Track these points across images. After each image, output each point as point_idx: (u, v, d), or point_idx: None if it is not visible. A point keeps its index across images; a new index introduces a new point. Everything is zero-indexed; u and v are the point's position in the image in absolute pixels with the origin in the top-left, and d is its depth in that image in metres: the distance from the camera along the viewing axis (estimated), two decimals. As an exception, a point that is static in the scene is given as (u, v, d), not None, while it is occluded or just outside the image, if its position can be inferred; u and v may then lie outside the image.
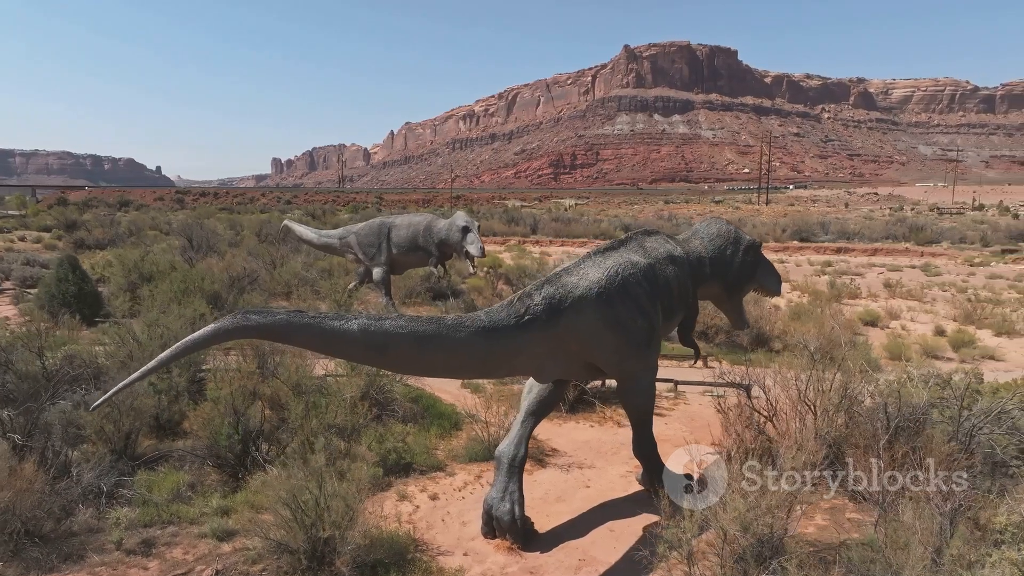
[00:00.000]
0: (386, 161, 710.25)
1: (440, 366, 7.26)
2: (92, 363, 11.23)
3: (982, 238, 53.23)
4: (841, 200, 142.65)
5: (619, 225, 69.47)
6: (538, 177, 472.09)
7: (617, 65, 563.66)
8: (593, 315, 7.71)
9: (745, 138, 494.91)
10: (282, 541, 6.99)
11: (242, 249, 32.53)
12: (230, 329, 6.14)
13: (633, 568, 7.39)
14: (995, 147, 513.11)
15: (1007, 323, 22.47)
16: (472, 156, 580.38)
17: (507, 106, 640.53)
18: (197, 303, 16.73)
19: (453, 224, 19.97)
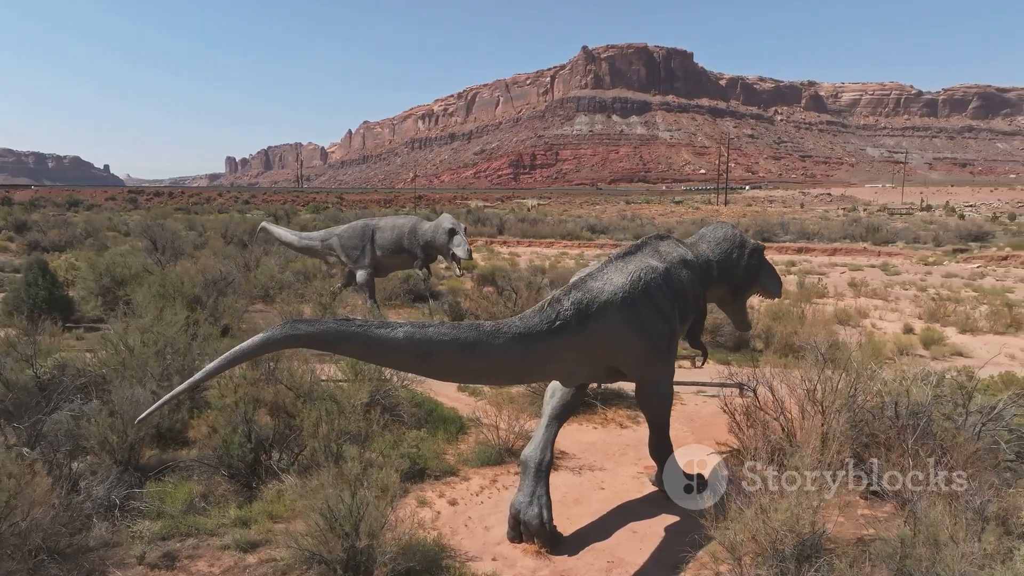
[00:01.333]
0: (344, 160, 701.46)
1: (480, 373, 7.30)
2: (93, 372, 10.89)
3: (935, 238, 55.15)
4: (796, 200, 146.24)
5: (584, 225, 70.03)
6: (498, 177, 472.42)
7: (576, 66, 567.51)
8: (619, 320, 7.82)
9: (701, 139, 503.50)
10: (315, 551, 6.90)
11: (209, 251, 31.85)
12: (279, 339, 6.06)
13: (662, 569, 7.50)
14: (938, 149, 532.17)
15: (970, 320, 23.36)
16: (431, 156, 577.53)
17: (466, 106, 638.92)
18: (179, 307, 16.38)
19: (439, 226, 19.90)
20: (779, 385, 10.08)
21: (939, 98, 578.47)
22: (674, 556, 7.72)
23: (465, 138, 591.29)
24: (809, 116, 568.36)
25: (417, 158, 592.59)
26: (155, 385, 10.41)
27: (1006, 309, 24.30)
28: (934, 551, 5.92)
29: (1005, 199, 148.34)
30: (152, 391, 10.26)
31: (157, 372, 10.81)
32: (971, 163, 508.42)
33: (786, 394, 10.01)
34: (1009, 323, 23.27)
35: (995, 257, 46.92)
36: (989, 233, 59.14)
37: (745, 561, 5.84)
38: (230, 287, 21.82)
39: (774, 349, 18.19)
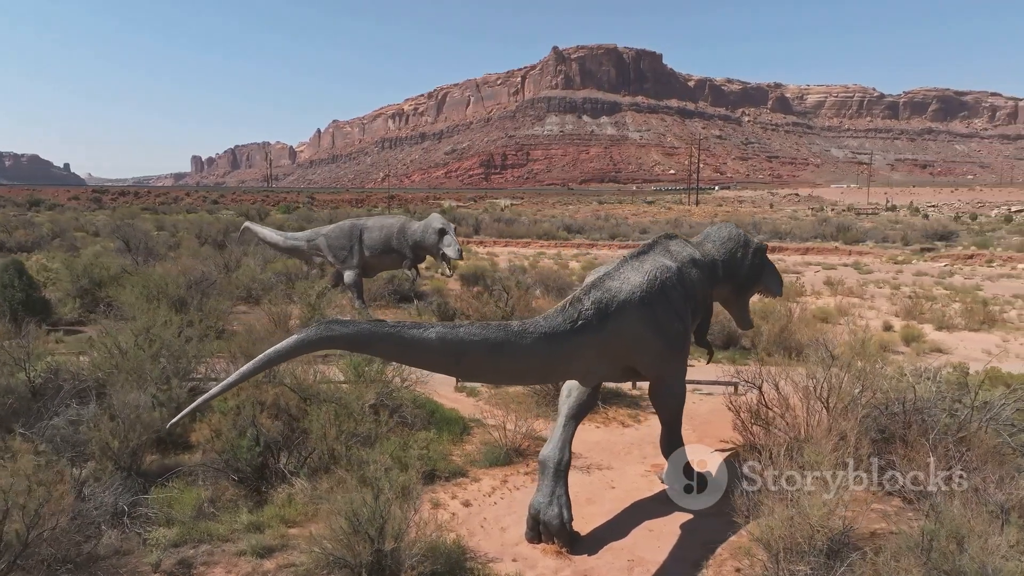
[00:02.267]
0: (313, 160, 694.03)
1: (508, 372, 7.27)
2: (87, 376, 10.60)
3: (903, 237, 56.39)
4: (766, 201, 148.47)
5: (560, 225, 70.24)
6: (469, 177, 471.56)
7: (546, 66, 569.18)
8: (636, 318, 7.85)
9: (671, 140, 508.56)
10: (340, 555, 6.80)
11: (183, 252, 31.25)
12: (314, 340, 5.96)
13: (683, 567, 7.55)
14: (899, 151, 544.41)
15: (945, 318, 23.94)
16: (402, 155, 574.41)
17: (437, 105, 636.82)
18: (164, 308, 16.06)
19: (429, 226, 19.78)
20: (783, 383, 10.21)
21: (900, 101, 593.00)
22: (693, 553, 7.78)
23: (436, 138, 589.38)
24: (775, 117, 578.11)
25: (387, 158, 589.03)
26: (155, 388, 10.17)
27: (980, 306, 24.99)
28: (958, 544, 6.03)
29: (965, 199, 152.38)
30: (152, 395, 10.03)
31: (156, 375, 10.56)
32: (931, 164, 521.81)
33: (790, 392, 10.16)
34: (983, 320, 23.90)
35: (961, 256, 48.12)
36: (954, 233, 60.70)
37: (780, 556, 5.89)
38: (212, 288, 21.46)
39: (762, 347, 18.45)
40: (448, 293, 27.49)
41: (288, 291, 21.91)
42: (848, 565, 5.76)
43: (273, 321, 17.63)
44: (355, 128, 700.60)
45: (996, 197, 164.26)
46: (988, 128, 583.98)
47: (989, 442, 7.31)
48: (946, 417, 8.11)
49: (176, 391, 10.41)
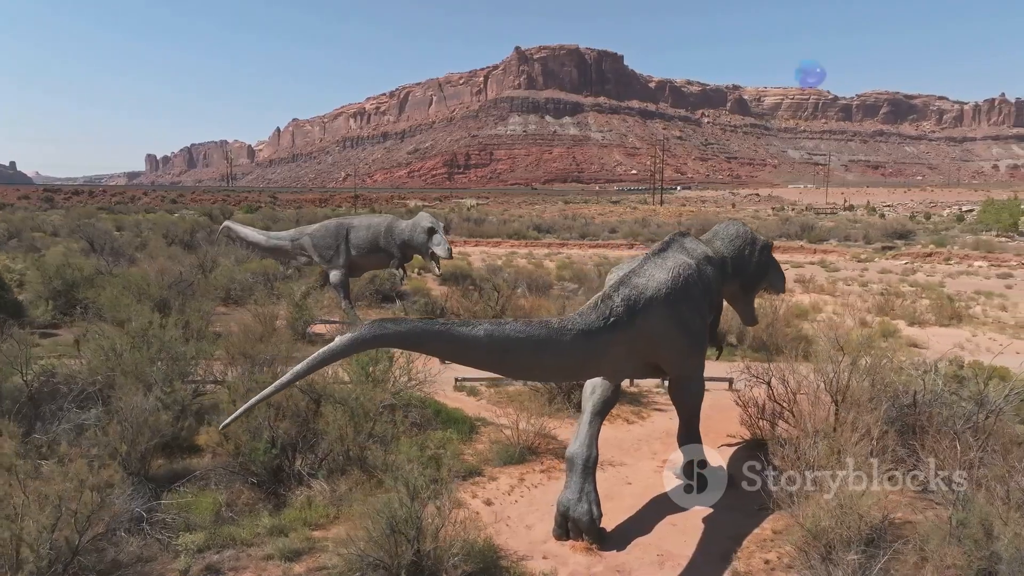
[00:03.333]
0: (272, 159, 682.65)
1: (548, 369, 7.28)
2: (83, 380, 10.25)
3: (865, 236, 57.94)
4: (728, 201, 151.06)
5: (530, 225, 70.41)
6: (432, 177, 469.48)
7: (509, 66, 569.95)
8: (662, 315, 7.92)
9: (632, 140, 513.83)
10: (378, 557, 6.71)
11: (152, 252, 30.46)
12: (367, 339, 5.89)
13: (712, 561, 7.64)
14: (853, 152, 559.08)
15: (916, 314, 24.69)
16: (364, 155, 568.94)
17: (399, 105, 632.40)
18: (145, 310, 15.67)
19: (417, 225, 19.63)
20: (791, 379, 10.40)
21: (853, 103, 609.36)
22: (720, 547, 7.89)
23: (398, 137, 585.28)
24: (734, 119, 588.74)
25: (349, 157, 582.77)
26: (159, 391, 9.90)
27: (948, 302, 25.83)
28: (986, 532, 6.23)
29: (917, 199, 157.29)
30: (158, 398, 9.76)
31: (160, 377, 10.28)
32: (883, 165, 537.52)
33: (795, 387, 10.36)
34: (951, 316, 24.71)
35: (920, 254, 49.63)
36: (912, 232, 62.65)
37: (830, 546, 5.99)
38: (190, 289, 20.98)
39: (748, 344, 18.79)
40: (429, 293, 27.36)
41: (273, 291, 21.54)
42: (892, 552, 5.92)
43: (260, 322, 17.29)
44: (316, 127, 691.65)
45: (946, 197, 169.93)
46: (935, 131, 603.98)
47: (1013, 431, 7.57)
48: (971, 406, 8.36)
49: (180, 393, 10.15)
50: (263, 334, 13.82)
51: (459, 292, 20.44)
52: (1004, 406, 8.47)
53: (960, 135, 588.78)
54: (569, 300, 20.28)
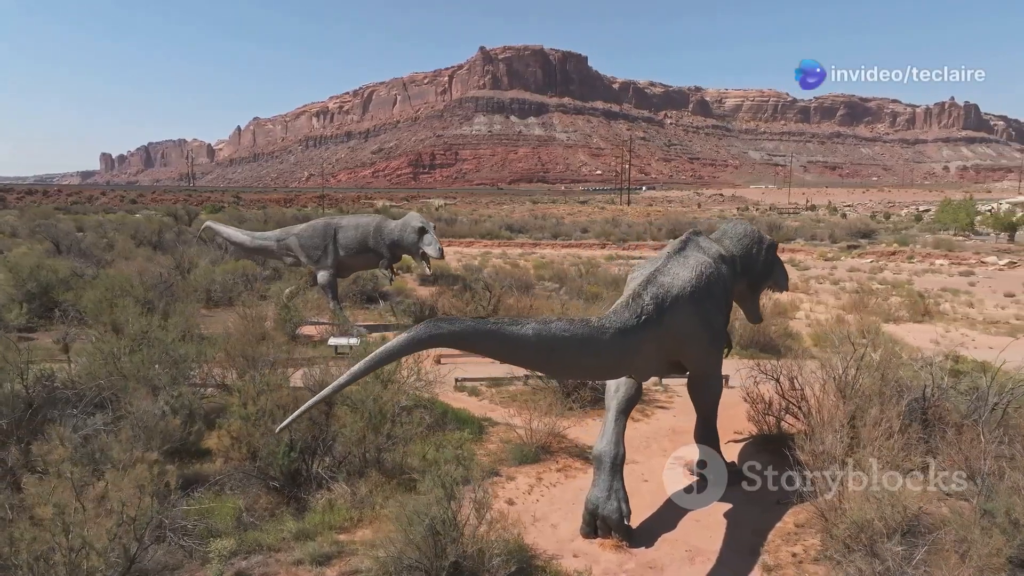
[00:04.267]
0: (233, 158, 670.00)
1: (589, 368, 7.28)
2: (86, 385, 9.93)
3: (831, 235, 59.28)
4: (693, 201, 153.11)
5: (502, 225, 70.46)
6: (397, 177, 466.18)
7: (473, 66, 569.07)
8: (688, 313, 8.00)
9: (597, 141, 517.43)
10: (415, 560, 6.64)
11: (121, 253, 29.69)
12: (423, 338, 5.83)
13: (740, 555, 7.74)
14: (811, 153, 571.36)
15: (891, 311, 25.36)
16: (327, 154, 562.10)
17: (363, 104, 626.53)
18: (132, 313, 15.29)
19: (407, 225, 19.47)
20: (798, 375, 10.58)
21: (811, 106, 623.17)
22: (746, 541, 7.99)
23: (362, 137, 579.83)
24: (696, 120, 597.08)
25: (312, 156, 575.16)
26: (167, 395, 9.65)
27: (920, 300, 26.58)
28: (1012, 523, 6.43)
29: (875, 199, 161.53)
30: (166, 402, 9.51)
31: (166, 381, 10.02)
32: (840, 166, 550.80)
33: (802, 384, 10.55)
34: (923, 312, 25.43)
35: (885, 252, 50.96)
36: (874, 231, 64.34)
37: (872, 539, 6.12)
38: (170, 291, 20.51)
39: (736, 341, 19.07)
40: (412, 293, 27.17)
41: (255, 291, 21.16)
42: (931, 543, 6.07)
43: (248, 323, 16.97)
44: (277, 126, 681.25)
45: (903, 197, 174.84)
46: (890, 133, 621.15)
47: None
48: (976, 400, 8.62)
49: (188, 397, 9.91)
50: (262, 335, 13.53)
51: (450, 292, 20.29)
52: (1010, 400, 8.74)
53: (913, 137, 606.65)
54: (563, 301, 20.34)
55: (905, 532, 6.28)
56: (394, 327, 20.11)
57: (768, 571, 7.37)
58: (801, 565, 7.44)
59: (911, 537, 6.32)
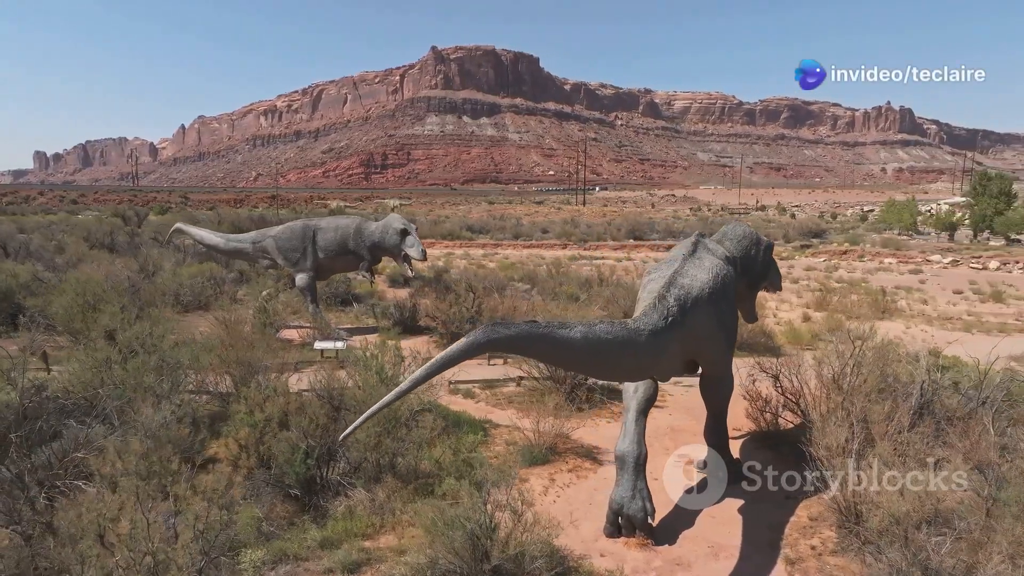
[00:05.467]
0: (177, 157, 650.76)
1: (627, 369, 7.34)
2: (80, 393, 9.55)
3: (784, 235, 60.89)
4: (646, 201, 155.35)
5: (462, 225, 70.33)
6: (348, 177, 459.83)
7: (425, 66, 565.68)
8: (707, 313, 8.18)
9: (549, 142, 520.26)
10: (453, 566, 6.61)
11: (75, 256, 28.60)
12: (482, 342, 5.81)
13: (760, 549, 7.94)
14: (757, 155, 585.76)
15: (854, 308, 26.25)
16: (276, 154, 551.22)
17: (312, 103, 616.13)
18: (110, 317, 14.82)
19: (389, 226, 19.26)
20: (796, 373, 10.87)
21: (757, 108, 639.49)
22: (764, 536, 8.20)
23: (312, 136, 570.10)
24: (646, 122, 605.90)
25: (260, 156, 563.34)
26: (171, 403, 9.37)
27: (881, 297, 27.60)
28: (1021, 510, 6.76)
29: (821, 200, 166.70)
30: (171, 411, 9.23)
31: (167, 388, 9.72)
32: (784, 167, 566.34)
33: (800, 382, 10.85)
34: (884, 310, 26.40)
35: (837, 252, 52.59)
36: (825, 231, 66.42)
37: (909, 530, 6.36)
38: (137, 295, 19.87)
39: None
40: (383, 295, 26.90)
41: (230, 295, 20.66)
42: (958, 533, 6.35)
43: (235, 327, 16.55)
44: (224, 124, 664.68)
45: (846, 198, 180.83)
46: (831, 135, 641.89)
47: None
48: (1003, 396, 9.02)
49: (192, 404, 9.64)
50: (253, 341, 13.22)
51: (431, 293, 20.13)
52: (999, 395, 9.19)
53: (852, 139, 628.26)
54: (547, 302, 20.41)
55: (930, 523, 6.55)
56: (373, 330, 19.90)
57: (791, 564, 7.59)
58: (821, 558, 7.68)
59: (931, 527, 6.59)
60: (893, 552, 6.10)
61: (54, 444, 8.61)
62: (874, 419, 8.13)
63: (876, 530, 6.40)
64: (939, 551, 5.95)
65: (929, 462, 7.07)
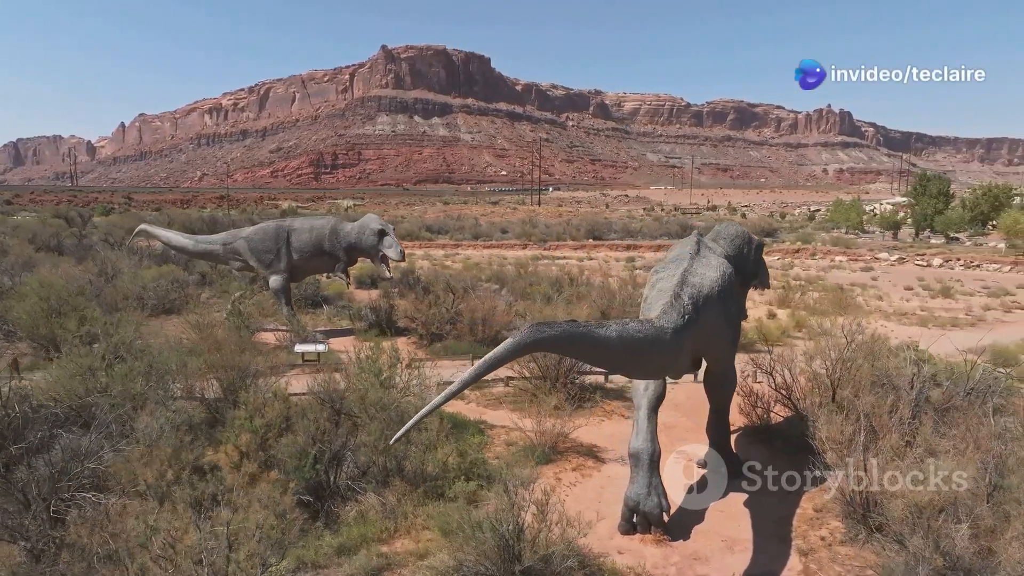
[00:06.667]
0: (117, 156, 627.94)
1: (654, 367, 7.38)
2: (68, 402, 9.13)
3: (738, 234, 62.26)
4: (600, 201, 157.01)
5: (420, 225, 69.89)
6: (298, 177, 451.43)
7: (376, 65, 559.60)
8: (717, 310, 8.31)
9: (501, 142, 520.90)
10: (482, 569, 6.55)
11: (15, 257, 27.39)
12: (529, 343, 5.76)
13: (772, 541, 8.11)
14: (704, 156, 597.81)
15: (815, 305, 27.04)
16: (222, 153, 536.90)
17: (259, 101, 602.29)
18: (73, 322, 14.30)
19: (366, 227, 18.96)
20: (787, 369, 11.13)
21: (704, 110, 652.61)
22: (773, 529, 8.38)
23: (259, 135, 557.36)
24: (597, 123, 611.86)
25: (205, 155, 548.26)
26: (167, 410, 9.04)
27: (841, 294, 28.51)
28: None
29: (768, 200, 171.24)
30: (167, 418, 8.91)
31: (161, 395, 9.38)
32: (731, 168, 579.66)
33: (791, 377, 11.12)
34: (843, 306, 27.25)
35: (790, 250, 54.02)
36: (776, 230, 68.30)
37: (931, 518, 6.57)
38: (99, 298, 19.15)
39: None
40: (351, 297, 26.50)
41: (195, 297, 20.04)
42: (973, 519, 6.60)
43: (197, 331, 16.06)
44: (166, 123, 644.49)
45: (792, 198, 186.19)
46: (775, 137, 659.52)
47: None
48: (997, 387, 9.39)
49: (190, 411, 9.33)
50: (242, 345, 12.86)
51: (411, 295, 19.89)
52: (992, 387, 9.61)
53: (795, 141, 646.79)
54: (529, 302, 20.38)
55: (942, 510, 6.79)
56: (348, 332, 19.60)
57: (804, 555, 7.77)
58: (832, 548, 7.89)
59: (946, 515, 6.84)
60: (916, 540, 6.30)
61: (48, 455, 8.24)
62: (875, 412, 8.37)
63: (899, 519, 6.60)
64: (958, 538, 6.17)
65: (940, 452, 7.34)
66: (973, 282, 36.30)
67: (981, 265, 44.02)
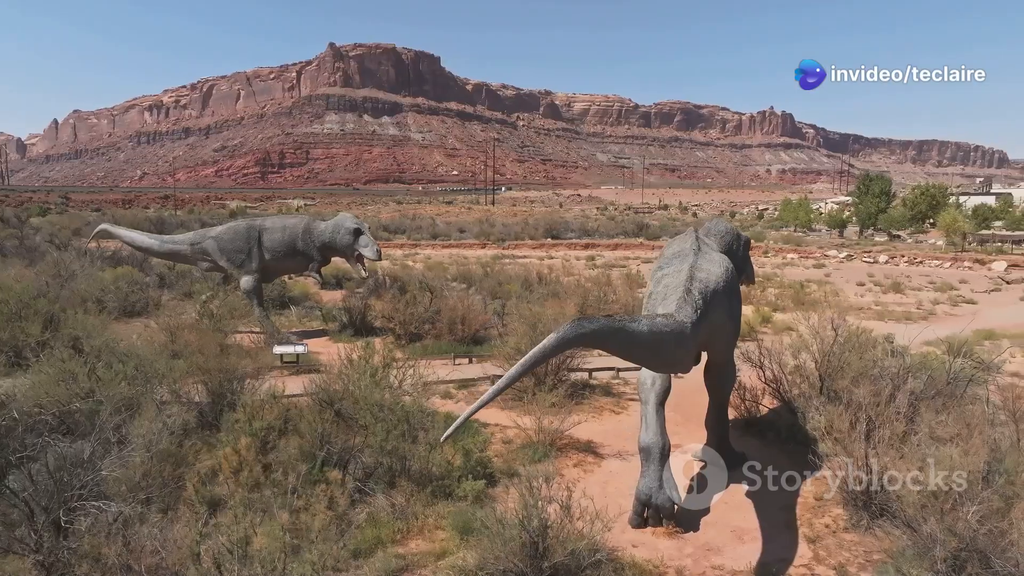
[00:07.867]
0: (50, 154, 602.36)
1: (677, 361, 7.43)
2: (53, 408, 8.71)
3: (693, 233, 63.50)
4: (554, 201, 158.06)
5: (376, 225, 69.17)
6: (243, 176, 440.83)
7: (323, 63, 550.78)
8: (723, 305, 8.47)
9: (452, 142, 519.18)
10: (507, 569, 6.52)
11: None
12: (571, 338, 5.73)
13: (780, 529, 8.29)
14: (652, 156, 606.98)
15: (777, 301, 27.79)
16: (163, 152, 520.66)
17: (202, 98, 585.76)
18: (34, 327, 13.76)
19: (340, 226, 18.63)
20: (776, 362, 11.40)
21: (652, 111, 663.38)
22: (779, 517, 8.58)
23: (203, 133, 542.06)
24: (547, 123, 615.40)
25: (146, 154, 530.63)
26: (163, 415, 8.72)
27: (800, 290, 29.35)
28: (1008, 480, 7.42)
29: (716, 199, 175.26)
30: (163, 423, 8.60)
31: (155, 398, 9.03)
32: (678, 168, 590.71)
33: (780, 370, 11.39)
34: (802, 302, 28.08)
35: (744, 248, 55.15)
36: (729, 228, 69.79)
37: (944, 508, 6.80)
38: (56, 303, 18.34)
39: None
40: (316, 297, 26.03)
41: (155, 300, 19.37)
42: (980, 504, 6.87)
43: (169, 334, 15.54)
44: (103, 120, 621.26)
45: (739, 197, 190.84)
46: (720, 138, 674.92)
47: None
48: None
49: (185, 415, 9.03)
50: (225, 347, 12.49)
51: (387, 295, 19.61)
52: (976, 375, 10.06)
53: (740, 142, 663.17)
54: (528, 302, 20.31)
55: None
56: (320, 333, 19.28)
57: (812, 543, 7.97)
58: (837, 535, 8.12)
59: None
60: (931, 523, 6.54)
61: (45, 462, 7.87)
62: (873, 401, 8.65)
63: (914, 504, 6.83)
64: (970, 518, 6.43)
65: (943, 439, 7.63)
66: (919, 277, 37.84)
67: (924, 261, 45.92)
